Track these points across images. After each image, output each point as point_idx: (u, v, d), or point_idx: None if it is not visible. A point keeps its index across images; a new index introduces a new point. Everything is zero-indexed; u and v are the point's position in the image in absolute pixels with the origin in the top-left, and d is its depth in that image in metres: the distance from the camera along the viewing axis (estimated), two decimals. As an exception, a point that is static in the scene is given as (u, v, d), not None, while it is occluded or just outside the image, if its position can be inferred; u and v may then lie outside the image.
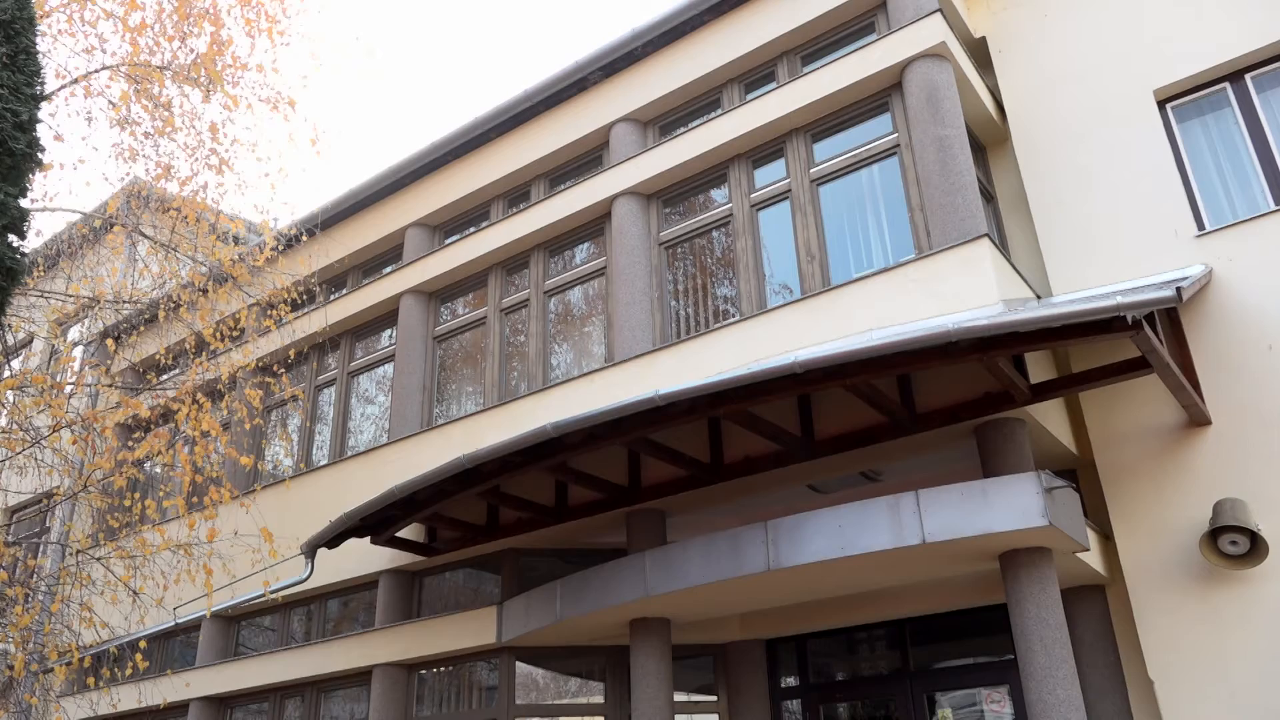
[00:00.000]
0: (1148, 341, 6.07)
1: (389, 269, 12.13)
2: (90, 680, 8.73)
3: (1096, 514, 7.57)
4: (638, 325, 9.33)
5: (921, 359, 6.30)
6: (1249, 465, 6.97)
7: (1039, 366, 7.36)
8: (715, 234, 9.52)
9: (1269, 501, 6.79)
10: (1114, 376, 6.92)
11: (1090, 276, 7.91)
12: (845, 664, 9.18)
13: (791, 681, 9.15)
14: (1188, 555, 6.98)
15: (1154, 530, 7.19)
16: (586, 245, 10.51)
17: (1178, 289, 6.11)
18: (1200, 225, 7.76)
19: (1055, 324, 5.85)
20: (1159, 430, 7.37)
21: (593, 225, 10.38)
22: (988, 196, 8.78)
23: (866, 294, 7.87)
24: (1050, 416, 7.53)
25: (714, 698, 9.21)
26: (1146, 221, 7.90)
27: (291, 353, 11.44)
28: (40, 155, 5.91)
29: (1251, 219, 7.55)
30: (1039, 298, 8.04)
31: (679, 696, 8.75)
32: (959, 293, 7.30)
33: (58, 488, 11.35)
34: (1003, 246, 8.36)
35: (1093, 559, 7.22)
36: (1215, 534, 6.75)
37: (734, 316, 8.95)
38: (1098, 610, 7.56)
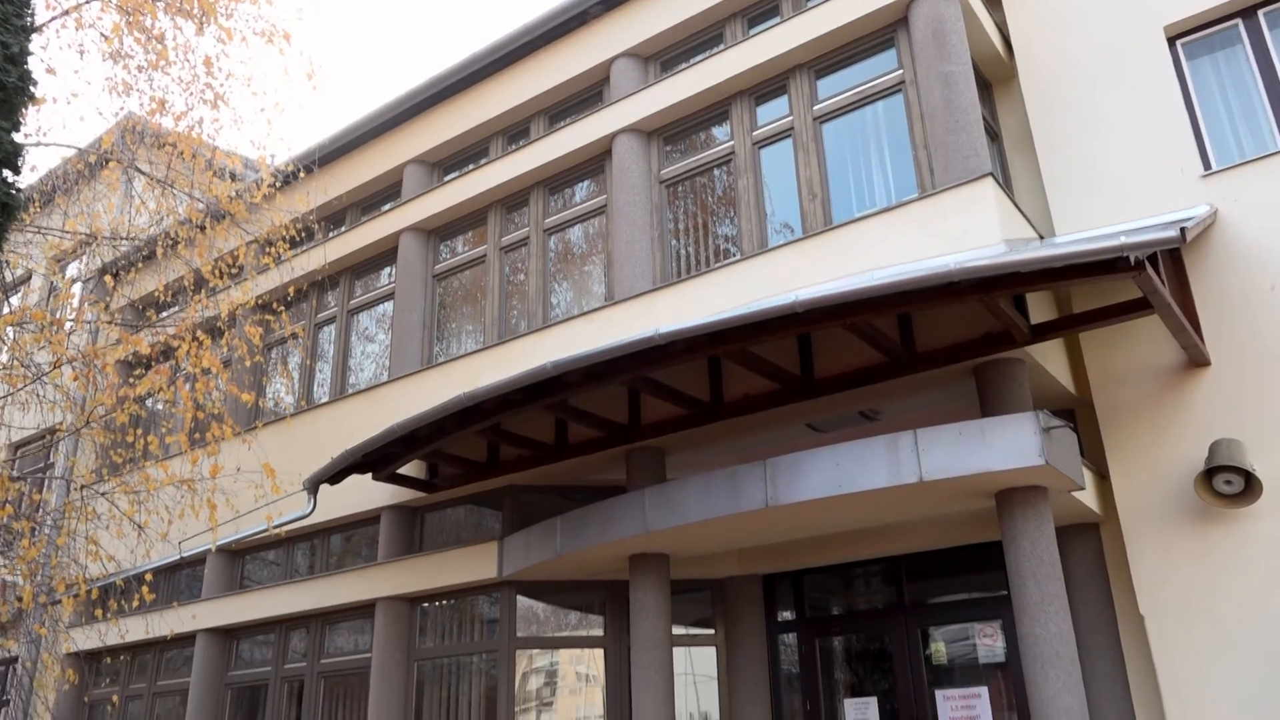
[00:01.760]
0: (1150, 282, 6.05)
1: (388, 206, 12.05)
2: (98, 612, 8.89)
3: (1093, 453, 7.62)
4: (638, 264, 9.30)
5: (922, 299, 6.29)
6: (1246, 406, 7.00)
7: (1040, 306, 7.35)
8: (716, 172, 9.43)
9: (1265, 441, 6.83)
10: (1115, 317, 6.92)
11: (1094, 216, 7.86)
12: (841, 599, 9.32)
13: (788, 616, 9.31)
14: (1182, 494, 7.05)
15: (1150, 469, 7.25)
16: (587, 183, 10.42)
17: (1181, 229, 6.06)
18: (1206, 165, 7.68)
19: (1057, 264, 5.83)
20: (1158, 371, 7.39)
21: (593, 163, 10.28)
22: (992, 135, 8.68)
23: (868, 233, 7.83)
24: (1050, 356, 7.54)
25: (711, 631, 9.38)
26: (1152, 161, 7.82)
27: (291, 290, 11.42)
28: (32, 89, 5.82)
29: (1258, 158, 7.47)
30: (1042, 237, 8.00)
31: (677, 630, 8.90)
32: (961, 232, 7.26)
33: (60, 423, 11.41)
34: (1006, 185, 8.29)
35: (1088, 497, 7.30)
36: (1210, 473, 6.81)
37: (735, 256, 8.91)
38: (1091, 548, 7.67)
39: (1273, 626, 6.54)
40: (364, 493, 10.19)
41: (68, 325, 9.20)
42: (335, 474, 9.16)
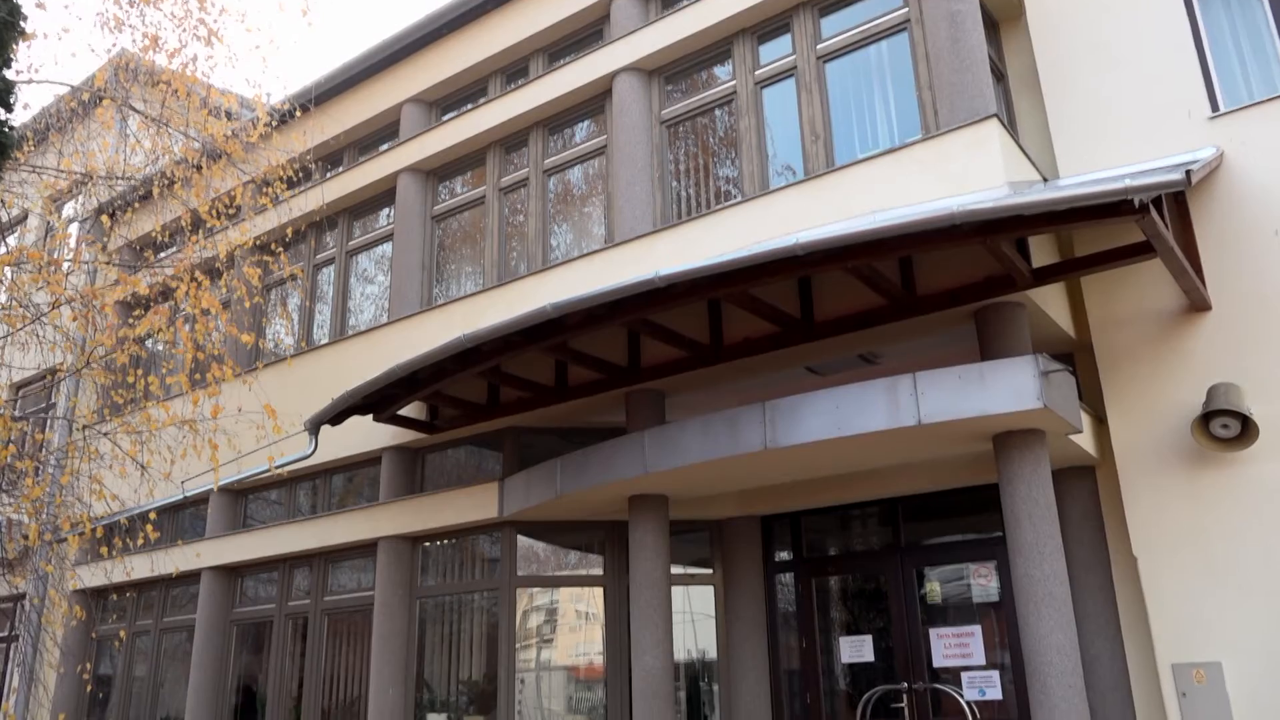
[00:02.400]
0: (1154, 226, 6.01)
1: (385, 146, 11.92)
2: (103, 550, 8.98)
3: (1091, 397, 7.65)
4: (638, 205, 9.23)
5: (924, 241, 6.26)
6: (1246, 350, 7.01)
7: (1041, 250, 7.32)
8: (718, 112, 9.32)
9: (1263, 386, 6.86)
10: (1117, 260, 6.89)
11: (1099, 158, 7.78)
12: (838, 540, 9.43)
13: (785, 556, 9.42)
14: (1179, 438, 7.10)
15: (1147, 413, 7.28)
16: (586, 123, 10.30)
17: (1187, 172, 6.01)
18: (1215, 106, 7.58)
19: (1060, 207, 5.78)
20: (1158, 315, 7.38)
21: (593, 102, 10.15)
22: (998, 75, 8.55)
23: (871, 175, 7.76)
24: (1050, 300, 7.53)
25: (710, 570, 9.51)
26: (1160, 102, 7.73)
27: (289, 231, 11.35)
28: (22, 23, 5.73)
29: (1267, 100, 7.37)
30: (1046, 180, 7.93)
31: (676, 569, 9.03)
32: (965, 174, 7.20)
33: (61, 364, 11.42)
34: (1011, 127, 8.19)
35: (1085, 440, 7.34)
36: (1207, 417, 6.84)
37: (736, 197, 8.84)
38: (1087, 490, 7.74)
39: (1263, 566, 6.63)
40: (365, 434, 10.25)
41: (65, 265, 9.16)
42: (336, 415, 9.20)
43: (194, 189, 9.06)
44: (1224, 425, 6.81)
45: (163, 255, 13.04)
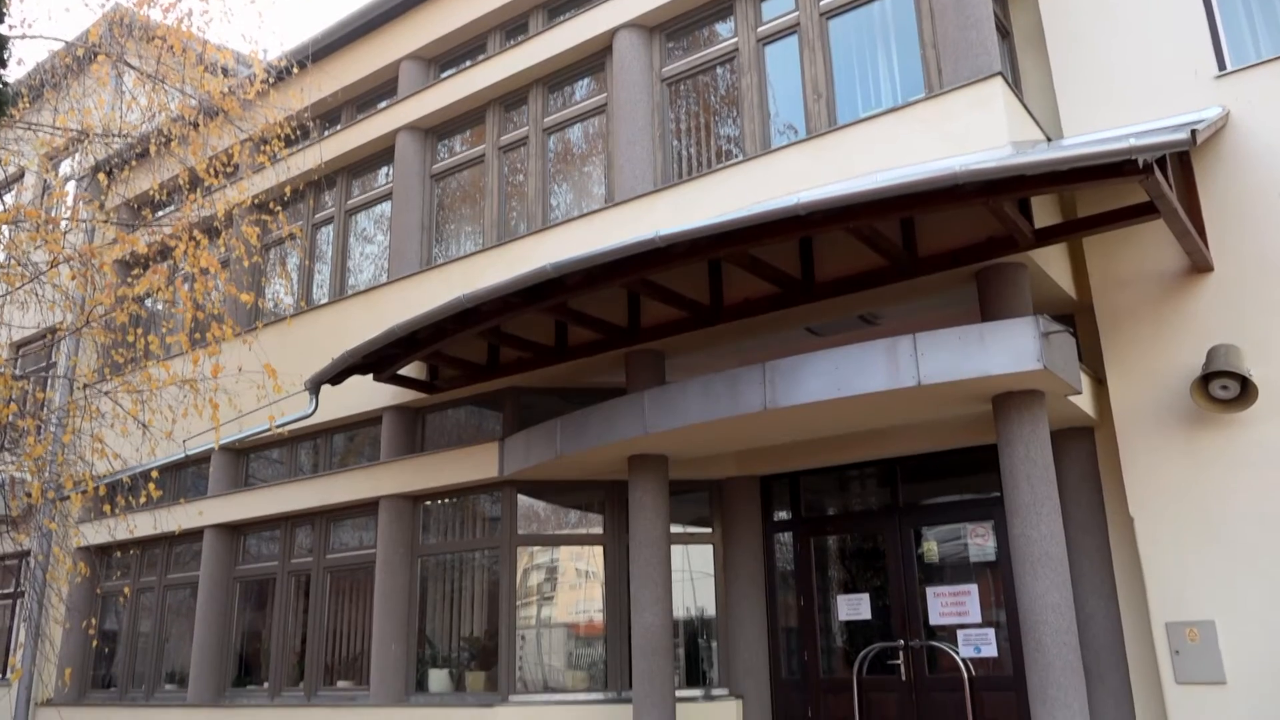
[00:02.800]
0: (1158, 186, 5.97)
1: (384, 104, 11.81)
2: (106, 508, 9.03)
3: (1091, 358, 7.65)
4: (639, 165, 9.16)
5: (926, 202, 6.22)
6: (1247, 312, 6.99)
7: (1044, 210, 7.27)
8: (719, 70, 9.22)
9: (1263, 347, 6.85)
10: (1119, 221, 6.85)
11: (1104, 117, 7.71)
12: (836, 500, 9.49)
13: (784, 515, 9.49)
14: (1178, 399, 7.11)
15: (1147, 374, 7.28)
16: (586, 81, 10.19)
17: (1192, 132, 5.94)
18: (1221, 65, 7.50)
19: (1063, 167, 5.74)
20: (1160, 276, 7.36)
21: (593, 60, 10.04)
22: (1003, 32, 8.44)
23: (873, 134, 7.69)
24: (1052, 261, 7.50)
25: (709, 530, 9.58)
26: (1166, 61, 7.64)
27: (287, 190, 11.29)
28: (15, -23, 5.64)
29: (1275, 59, 7.28)
30: (1049, 139, 7.86)
31: (675, 528, 9.09)
32: (968, 133, 7.13)
33: (60, 323, 11.42)
34: (1016, 86, 8.11)
35: (1084, 402, 7.36)
36: (1207, 379, 6.84)
37: (737, 157, 8.78)
38: (1085, 451, 7.77)
39: (1258, 526, 6.67)
40: (365, 393, 10.26)
41: (63, 224, 9.11)
42: (336, 374, 9.21)
43: (191, 147, 9.00)
44: (1223, 387, 6.81)
45: (161, 214, 12.97)
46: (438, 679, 9.64)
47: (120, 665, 12.93)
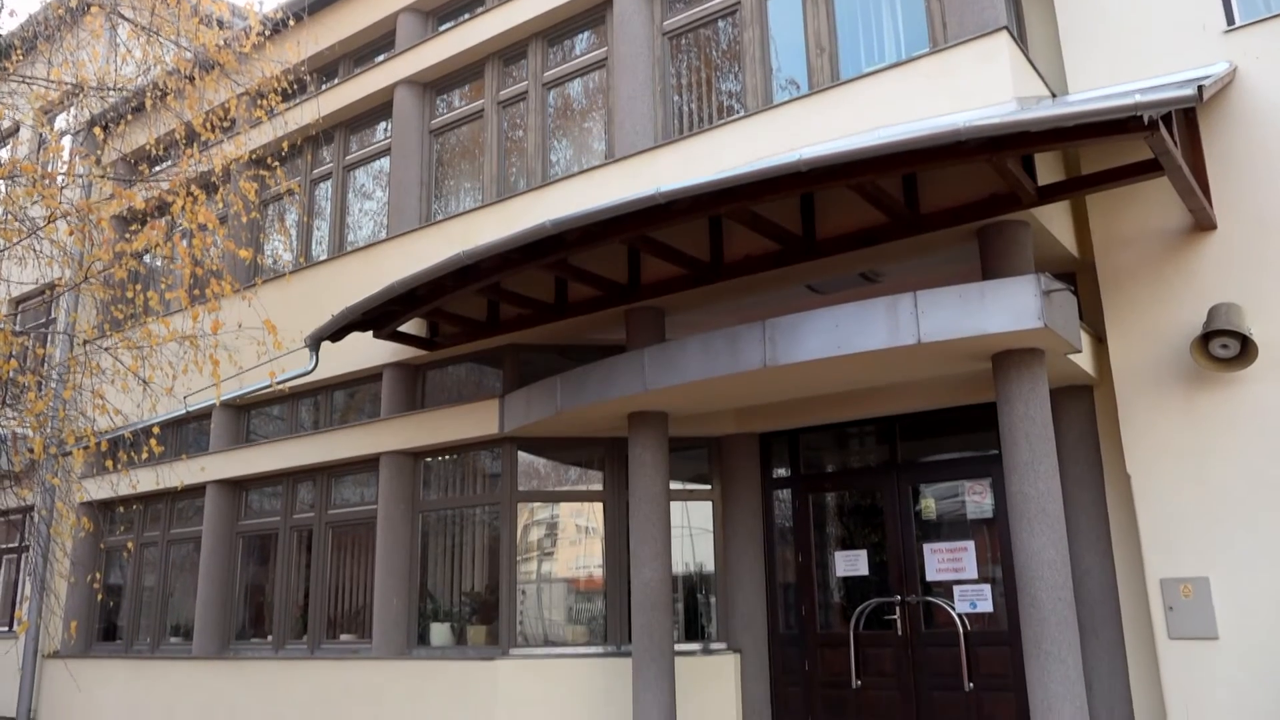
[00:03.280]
0: (1163, 144, 5.92)
1: (381, 58, 11.67)
2: (109, 463, 9.07)
3: (1091, 316, 7.64)
4: (639, 120, 9.08)
5: (929, 158, 6.17)
6: (1249, 270, 6.96)
7: (1047, 167, 7.22)
8: (721, 24, 9.10)
9: (1265, 306, 6.84)
10: (1123, 179, 6.80)
11: (1110, 73, 7.62)
12: (835, 457, 9.53)
13: (783, 472, 9.53)
14: (1178, 358, 7.11)
15: (1147, 333, 7.28)
16: (587, 35, 10.06)
17: (1199, 88, 5.89)
18: (1230, 20, 7.40)
19: (1068, 123, 5.68)
20: (1162, 234, 7.32)
21: (593, 13, 9.90)
22: (1010, -15, 8.33)
23: (877, 89, 7.60)
24: (1054, 219, 7.46)
25: (708, 486, 9.63)
26: (1174, 15, 7.53)
27: (285, 145, 11.19)
28: (6, -75, 5.54)
29: (1284, 13, 7.19)
30: (1054, 96, 7.78)
31: (675, 485, 9.14)
32: (972, 89, 7.05)
33: (59, 279, 11.38)
34: (1021, 40, 8.00)
35: (1084, 360, 7.36)
36: (1207, 337, 6.84)
37: (739, 112, 8.69)
38: (1084, 409, 7.78)
39: (1254, 484, 6.71)
40: (365, 350, 10.27)
41: (60, 179, 9.05)
42: (336, 331, 9.20)
43: (187, 101, 8.90)
44: (1223, 345, 6.81)
45: (158, 169, 12.88)
46: (439, 633, 9.76)
47: (125, 618, 13.08)
